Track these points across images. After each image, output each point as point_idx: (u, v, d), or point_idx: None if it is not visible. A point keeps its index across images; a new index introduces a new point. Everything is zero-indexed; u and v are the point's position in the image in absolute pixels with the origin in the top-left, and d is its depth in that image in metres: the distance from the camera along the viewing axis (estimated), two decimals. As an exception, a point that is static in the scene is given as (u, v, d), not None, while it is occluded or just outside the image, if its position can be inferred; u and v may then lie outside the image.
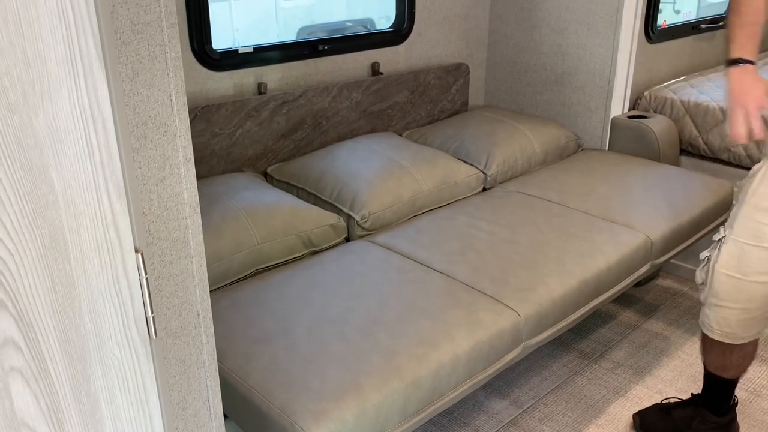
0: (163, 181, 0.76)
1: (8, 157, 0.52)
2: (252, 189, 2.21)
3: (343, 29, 9.78)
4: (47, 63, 0.55)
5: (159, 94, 0.73)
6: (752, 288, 1.62)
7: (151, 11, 0.70)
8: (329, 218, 2.16)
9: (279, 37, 9.00)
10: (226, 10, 8.33)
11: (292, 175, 2.43)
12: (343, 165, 2.41)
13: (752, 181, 1.61)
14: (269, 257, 1.99)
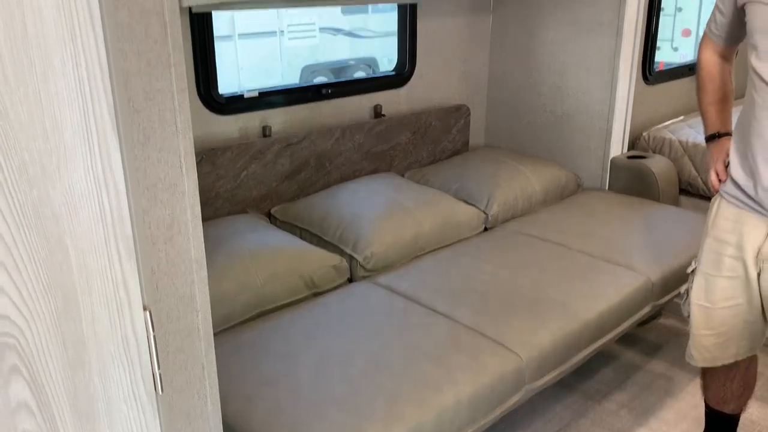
0: (171, 239, 0.79)
1: (26, 228, 0.55)
2: (256, 231, 2.23)
3: (346, 68, 9.85)
4: (64, 134, 0.57)
5: (169, 156, 0.76)
6: (721, 314, 1.67)
7: (162, 78, 0.73)
8: (332, 259, 2.18)
9: (283, 77, 9.11)
10: (232, 49, 8.44)
11: (295, 216, 2.46)
12: (345, 206, 2.44)
13: (710, 214, 1.67)
14: (272, 299, 2.00)
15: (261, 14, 7.65)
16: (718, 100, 1.71)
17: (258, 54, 8.23)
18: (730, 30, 1.63)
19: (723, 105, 1.71)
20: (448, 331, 1.84)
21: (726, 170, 1.61)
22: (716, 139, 1.69)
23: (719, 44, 1.68)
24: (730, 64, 1.71)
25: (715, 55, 1.71)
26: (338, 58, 8.75)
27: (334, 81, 3.01)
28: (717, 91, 1.71)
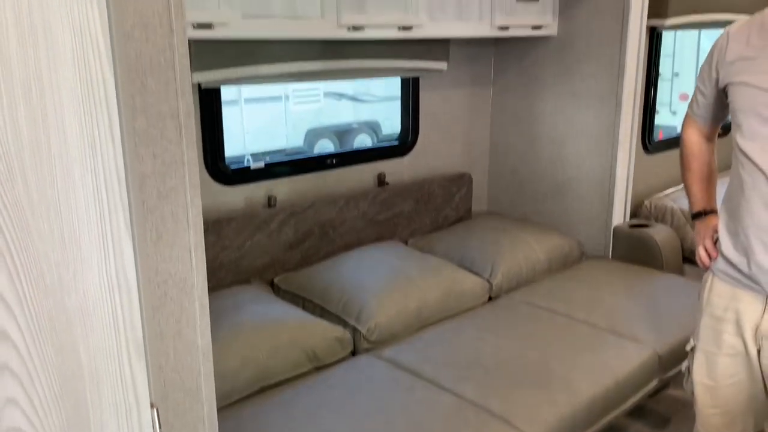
0: (179, 333, 0.79)
1: (41, 338, 0.55)
2: (258, 302, 2.23)
3: (349, 131, 9.97)
4: (81, 243, 0.59)
5: (180, 252, 0.77)
6: (726, 392, 1.64)
7: (176, 176, 0.75)
8: (335, 331, 2.17)
9: (288, 140, 9.22)
10: (238, 114, 8.59)
11: (298, 286, 2.46)
12: (349, 276, 2.44)
13: (704, 291, 1.67)
14: (275, 373, 1.98)
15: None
16: (702, 179, 1.75)
17: (263, 118, 8.40)
18: (713, 111, 1.67)
19: (707, 183, 1.75)
20: (453, 408, 1.81)
21: (715, 247, 1.62)
22: (702, 217, 1.72)
23: (702, 124, 1.72)
24: (713, 143, 1.75)
25: (698, 134, 1.74)
26: (342, 121, 8.93)
27: (338, 151, 3.06)
28: (701, 170, 1.75)
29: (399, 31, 2.39)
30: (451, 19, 2.55)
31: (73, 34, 0.56)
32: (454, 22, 2.56)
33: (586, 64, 2.95)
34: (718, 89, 1.59)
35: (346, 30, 2.23)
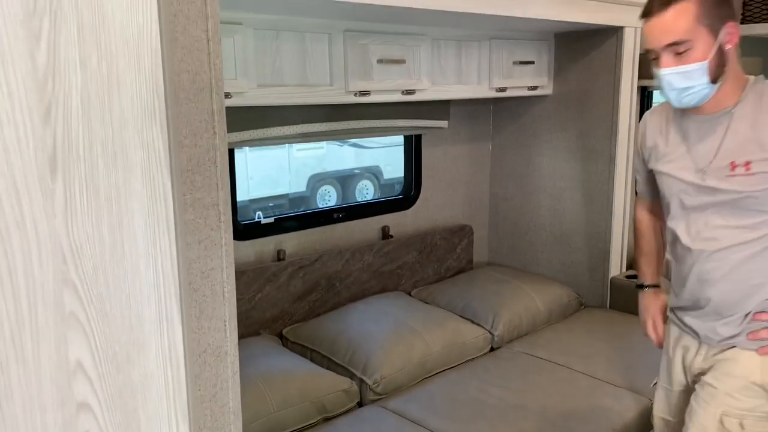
0: (215, 396, 0.89)
1: (112, 406, 0.65)
2: (268, 354, 2.31)
3: (351, 176, 10.08)
4: (144, 325, 0.69)
5: (217, 323, 0.88)
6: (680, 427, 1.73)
7: (215, 258, 0.86)
8: (342, 383, 2.25)
9: (291, 185, 9.35)
10: (242, 161, 8.75)
11: (306, 338, 2.54)
12: (355, 327, 2.53)
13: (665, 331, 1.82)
14: (284, 425, 2.05)
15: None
16: (648, 253, 1.89)
17: (267, 164, 8.54)
18: (651, 188, 1.79)
19: (652, 258, 1.89)
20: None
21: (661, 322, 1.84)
22: (645, 289, 1.89)
23: (648, 200, 1.86)
24: (660, 219, 1.84)
25: (646, 211, 1.89)
26: (344, 167, 9.08)
27: (344, 205, 3.18)
28: (647, 246, 1.90)
29: (402, 95, 2.53)
30: (452, 83, 2.70)
31: (143, 151, 0.68)
32: (455, 85, 2.71)
33: (580, 122, 3.09)
34: (648, 170, 1.75)
35: (354, 95, 2.37)
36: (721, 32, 1.53)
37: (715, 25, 1.52)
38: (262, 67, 2.11)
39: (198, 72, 0.81)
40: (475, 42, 2.77)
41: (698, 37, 1.52)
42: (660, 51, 1.56)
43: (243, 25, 2.04)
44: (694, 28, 1.52)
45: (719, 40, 1.52)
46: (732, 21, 1.57)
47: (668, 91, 1.59)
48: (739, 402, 1.61)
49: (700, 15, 1.52)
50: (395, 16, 2.25)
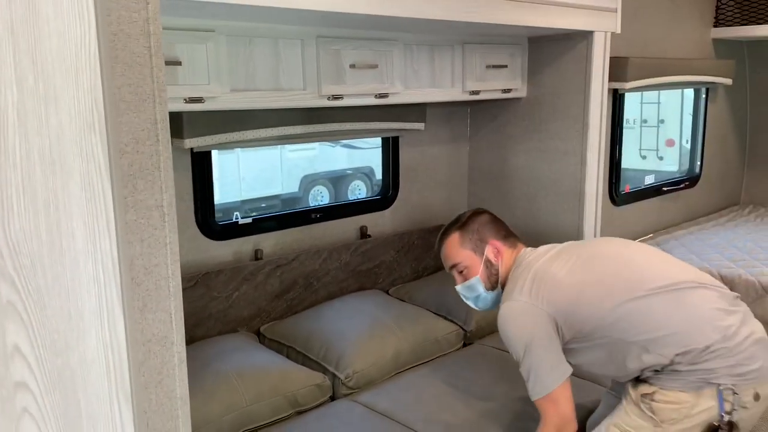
0: (160, 382, 0.96)
1: (51, 388, 0.73)
2: (244, 350, 2.39)
3: (344, 177, 10.10)
4: (83, 315, 0.77)
5: (162, 315, 0.95)
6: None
7: (159, 255, 0.94)
8: (315, 378, 2.32)
9: (283, 186, 9.38)
10: (234, 161, 8.78)
11: (282, 335, 2.62)
12: (330, 325, 2.60)
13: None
14: (257, 418, 2.13)
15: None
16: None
17: (259, 165, 8.59)
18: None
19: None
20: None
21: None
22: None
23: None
24: None
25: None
26: (336, 168, 9.14)
27: (322, 205, 3.26)
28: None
29: (376, 98, 2.60)
30: (425, 87, 2.78)
31: (81, 158, 0.75)
32: (428, 88, 2.79)
33: (553, 123, 3.17)
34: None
35: (327, 99, 2.44)
36: (485, 251, 2.07)
37: (479, 247, 2.07)
38: (235, 72, 2.19)
39: (140, 85, 0.89)
40: (448, 46, 2.85)
41: (466, 258, 2.08)
42: (451, 273, 2.15)
43: (216, 32, 2.11)
44: (461, 253, 2.09)
45: (485, 256, 2.05)
46: (495, 240, 2.09)
47: (467, 300, 2.15)
48: (628, 418, 1.83)
49: (465, 242, 2.09)
50: (366, 22, 2.33)
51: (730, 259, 3.18)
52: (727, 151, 4.46)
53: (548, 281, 1.88)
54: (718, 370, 1.72)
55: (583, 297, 1.84)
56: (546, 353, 1.81)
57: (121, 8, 0.84)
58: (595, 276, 1.87)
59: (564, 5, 2.72)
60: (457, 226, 2.16)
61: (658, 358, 1.75)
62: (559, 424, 1.82)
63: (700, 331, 1.74)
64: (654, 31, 3.73)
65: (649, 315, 1.77)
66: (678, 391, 1.75)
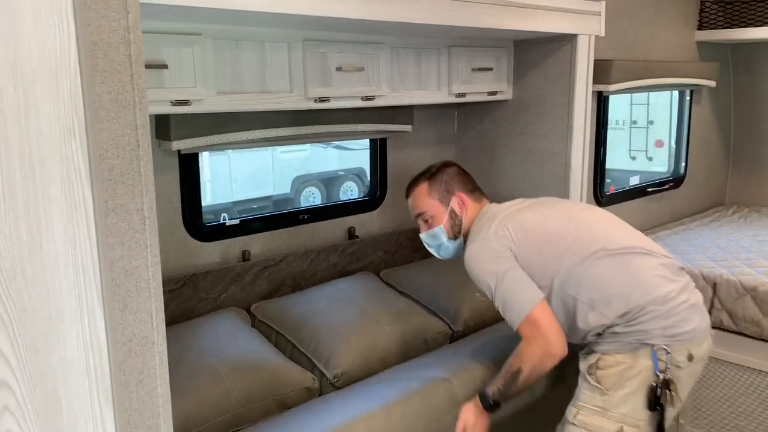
0: (141, 381, 0.99)
1: (31, 386, 0.75)
2: (235, 337, 2.37)
3: (336, 178, 10.08)
4: (64, 315, 0.79)
5: (143, 316, 0.98)
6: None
7: (139, 257, 0.96)
8: (305, 380, 2.33)
9: (275, 187, 9.36)
10: (226, 163, 8.76)
11: (273, 318, 2.59)
12: (321, 315, 2.57)
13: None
14: (245, 420, 2.14)
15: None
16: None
17: (251, 166, 8.60)
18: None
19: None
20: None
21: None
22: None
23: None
24: None
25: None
26: (328, 169, 9.15)
27: (310, 206, 3.28)
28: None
29: (363, 101, 2.63)
30: (412, 89, 2.81)
31: (61, 164, 0.78)
32: (414, 91, 2.82)
33: (538, 125, 3.21)
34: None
35: (313, 102, 2.47)
36: (451, 202, 2.21)
37: (445, 198, 2.21)
38: (221, 75, 2.21)
39: (120, 92, 0.91)
40: (434, 50, 2.88)
41: (432, 208, 2.22)
42: (417, 221, 2.28)
43: (202, 35, 2.13)
44: (427, 202, 2.22)
45: (450, 207, 2.20)
46: (461, 192, 2.22)
47: (430, 249, 2.31)
48: (583, 395, 1.94)
49: (432, 192, 2.23)
50: (353, 26, 2.36)
51: (713, 259, 3.22)
52: (712, 152, 4.51)
53: (516, 226, 2.01)
54: (652, 331, 1.83)
55: (545, 249, 1.95)
56: (517, 281, 1.91)
57: (101, 18, 0.86)
58: (557, 233, 1.99)
59: (548, 9, 2.75)
60: (426, 177, 2.28)
61: (601, 318, 1.87)
62: (544, 346, 1.86)
63: (640, 293, 1.85)
64: (638, 34, 3.77)
65: (598, 275, 1.89)
66: (616, 353, 1.87)
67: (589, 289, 1.90)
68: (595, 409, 1.90)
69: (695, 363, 1.89)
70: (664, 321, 1.83)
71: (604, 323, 1.88)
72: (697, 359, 1.89)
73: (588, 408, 1.91)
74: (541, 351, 1.87)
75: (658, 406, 1.84)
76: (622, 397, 1.86)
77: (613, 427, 1.87)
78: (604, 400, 1.88)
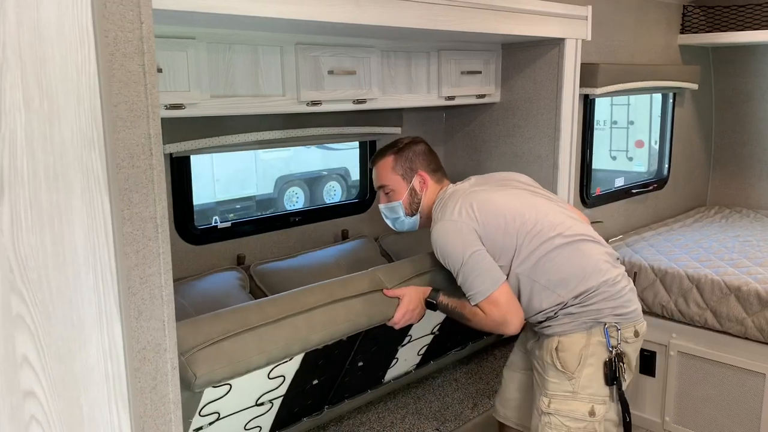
0: (155, 388, 1.00)
1: (55, 394, 0.76)
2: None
3: (319, 178, 10.05)
4: (84, 324, 0.80)
5: (156, 323, 0.99)
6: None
7: (153, 265, 0.97)
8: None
9: (258, 187, 9.33)
10: (208, 163, 8.71)
11: (269, 286, 2.59)
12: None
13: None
14: None
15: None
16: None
17: (233, 166, 8.56)
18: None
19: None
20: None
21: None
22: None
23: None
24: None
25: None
26: (311, 169, 9.14)
27: (302, 209, 3.29)
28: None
29: (354, 104, 2.65)
30: (402, 92, 2.83)
31: (82, 174, 0.79)
32: (405, 94, 2.84)
33: (526, 128, 3.25)
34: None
35: (306, 105, 2.48)
36: (414, 179, 2.27)
37: (408, 174, 2.27)
38: (215, 78, 2.21)
39: (135, 102, 0.92)
40: (424, 53, 2.90)
41: (394, 182, 2.28)
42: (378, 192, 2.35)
43: (196, 39, 2.14)
44: (391, 176, 2.28)
45: (411, 184, 2.27)
46: (423, 171, 2.28)
47: (386, 220, 2.39)
48: (552, 384, 2.05)
49: (396, 167, 2.27)
50: (344, 30, 2.37)
51: (697, 259, 3.29)
52: (694, 153, 4.60)
53: (480, 207, 2.07)
54: (603, 310, 2.02)
55: (508, 229, 2.05)
56: (482, 261, 2.00)
57: (118, 29, 0.87)
58: (519, 216, 2.08)
59: (536, 13, 2.79)
60: (393, 150, 2.33)
61: (557, 298, 2.02)
62: (498, 320, 2.00)
63: (592, 275, 2.03)
64: (622, 38, 3.83)
65: (556, 259, 2.03)
66: (572, 333, 2.03)
67: (547, 270, 2.03)
68: (565, 395, 2.02)
69: (639, 339, 2.11)
70: (613, 302, 2.02)
71: (558, 302, 2.02)
72: (641, 335, 2.11)
73: (558, 395, 2.04)
74: (494, 324, 2.01)
75: (614, 380, 2.03)
76: (587, 378, 2.02)
77: (585, 408, 2.02)
78: (572, 384, 2.02)
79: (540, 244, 2.04)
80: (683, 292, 3.09)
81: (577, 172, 3.44)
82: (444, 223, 2.07)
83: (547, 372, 2.07)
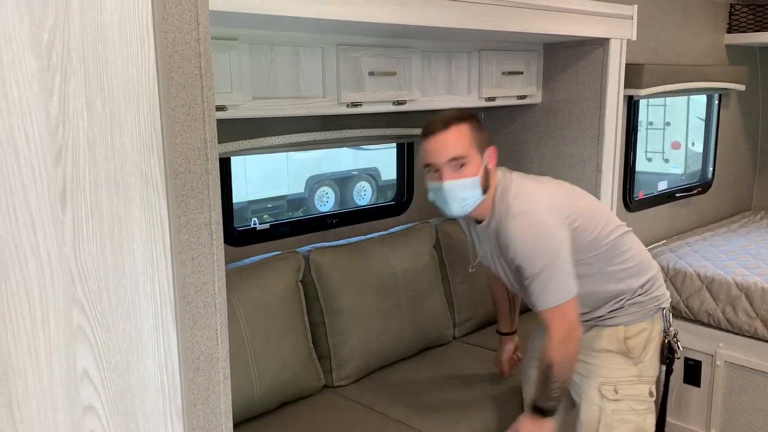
0: (207, 399, 0.97)
1: (114, 408, 0.74)
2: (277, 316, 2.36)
3: (350, 178, 10.08)
4: (142, 335, 0.78)
5: (209, 332, 0.96)
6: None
7: (207, 273, 0.95)
8: (315, 380, 2.43)
9: (289, 187, 9.39)
10: (241, 163, 8.79)
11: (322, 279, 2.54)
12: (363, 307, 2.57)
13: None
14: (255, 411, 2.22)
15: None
16: (497, 308, 2.47)
17: (265, 166, 8.61)
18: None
19: (501, 311, 2.44)
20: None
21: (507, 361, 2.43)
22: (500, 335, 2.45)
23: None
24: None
25: (491, 277, 2.36)
26: (342, 168, 9.14)
27: (338, 210, 3.27)
28: (495, 303, 2.46)
29: (394, 105, 2.61)
30: (442, 94, 2.78)
31: (142, 180, 0.76)
32: (445, 95, 2.79)
33: (568, 130, 3.17)
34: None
35: (346, 107, 2.45)
36: (485, 154, 1.90)
37: (482, 147, 1.90)
38: (256, 80, 2.19)
39: (192, 105, 0.89)
40: (465, 53, 2.85)
41: (471, 155, 1.86)
42: (442, 165, 1.85)
43: (238, 40, 2.12)
44: (469, 147, 1.86)
45: (484, 159, 1.89)
46: (491, 146, 1.95)
47: (450, 200, 1.88)
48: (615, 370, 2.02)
49: (473, 137, 1.87)
50: (385, 30, 2.34)
51: (745, 266, 3.17)
52: (739, 156, 4.46)
53: (563, 196, 2.01)
54: (662, 296, 2.09)
55: (592, 220, 1.98)
56: (567, 263, 1.85)
57: (176, 30, 0.84)
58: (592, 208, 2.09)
59: (580, 13, 2.72)
60: (468, 119, 1.92)
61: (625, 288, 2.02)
62: (567, 330, 1.88)
63: (650, 264, 2.10)
64: (667, 37, 3.73)
65: (623, 248, 2.02)
66: (638, 322, 2.05)
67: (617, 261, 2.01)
68: (632, 380, 2.03)
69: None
70: (664, 287, 2.13)
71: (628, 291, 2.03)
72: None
73: (626, 381, 2.02)
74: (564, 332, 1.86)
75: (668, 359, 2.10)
76: (649, 361, 2.06)
77: (645, 390, 2.05)
78: (639, 369, 2.04)
79: (610, 233, 2.02)
80: (731, 299, 2.99)
81: (621, 175, 3.34)
82: (539, 215, 1.85)
83: (610, 360, 2.04)
